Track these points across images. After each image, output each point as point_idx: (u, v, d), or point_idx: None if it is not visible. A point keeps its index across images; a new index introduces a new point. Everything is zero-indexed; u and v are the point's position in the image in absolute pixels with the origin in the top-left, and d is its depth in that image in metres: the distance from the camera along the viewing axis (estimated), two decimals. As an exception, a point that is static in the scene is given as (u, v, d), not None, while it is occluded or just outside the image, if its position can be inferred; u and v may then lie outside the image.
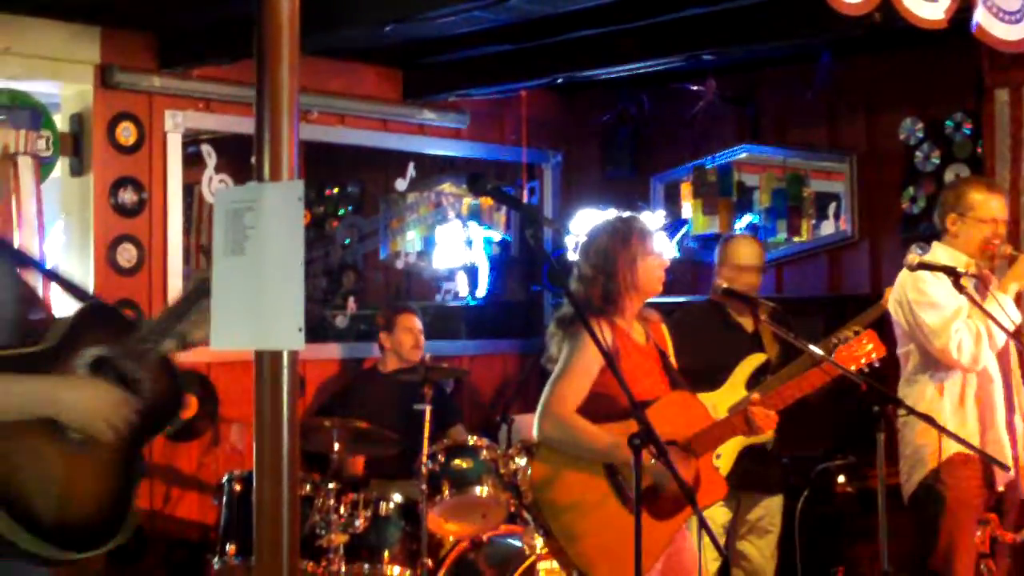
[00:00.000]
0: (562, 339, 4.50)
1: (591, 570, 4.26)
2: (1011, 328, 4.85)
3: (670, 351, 4.70)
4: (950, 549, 4.89)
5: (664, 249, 4.67)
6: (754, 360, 5.50)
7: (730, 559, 5.60)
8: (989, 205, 5.05)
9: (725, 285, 5.55)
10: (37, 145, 6.26)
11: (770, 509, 5.66)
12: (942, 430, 4.54)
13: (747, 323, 5.69)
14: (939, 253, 5.05)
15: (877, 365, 4.76)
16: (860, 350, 4.72)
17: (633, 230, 4.56)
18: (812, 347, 4.69)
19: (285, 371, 2.23)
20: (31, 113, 6.30)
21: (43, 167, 6.38)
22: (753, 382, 5.41)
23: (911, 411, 4.17)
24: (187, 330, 2.90)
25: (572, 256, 7.90)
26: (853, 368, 4.61)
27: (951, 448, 4.80)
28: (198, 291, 2.68)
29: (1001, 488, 4.99)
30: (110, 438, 2.81)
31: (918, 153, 7.03)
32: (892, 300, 5.12)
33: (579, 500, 4.31)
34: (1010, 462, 4.90)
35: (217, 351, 6.69)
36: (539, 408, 4.39)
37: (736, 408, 4.85)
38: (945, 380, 4.96)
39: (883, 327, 5.18)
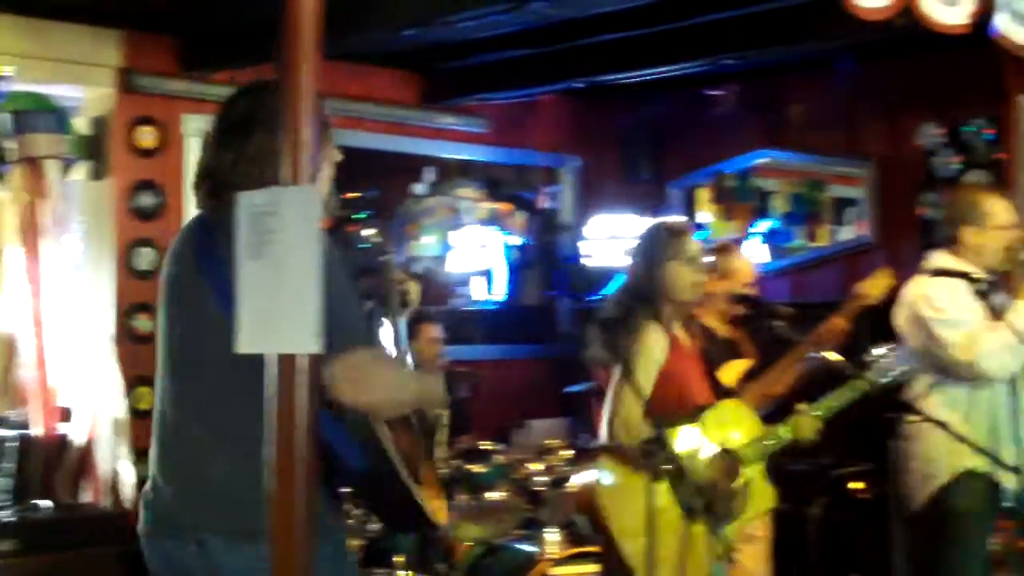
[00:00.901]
0: (611, 340, 4.49)
1: (640, 571, 4.26)
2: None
3: None
4: (961, 566, 4.85)
5: (700, 255, 4.63)
6: (738, 365, 5.47)
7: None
8: (1004, 211, 5.01)
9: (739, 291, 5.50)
10: (61, 148, 6.28)
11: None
12: (960, 439, 4.52)
13: (722, 329, 5.65)
14: (945, 263, 4.98)
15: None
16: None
17: (662, 235, 4.58)
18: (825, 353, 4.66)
19: (301, 374, 2.23)
20: (54, 116, 6.32)
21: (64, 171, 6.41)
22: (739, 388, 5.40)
23: (928, 419, 4.15)
24: None
25: (589, 261, 7.91)
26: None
27: (963, 463, 4.78)
28: None
29: (1007, 504, 4.94)
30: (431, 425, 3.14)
31: (938, 159, 7.01)
32: (903, 319, 5.05)
33: (641, 504, 4.30)
34: (1013, 482, 4.86)
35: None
36: (608, 414, 4.40)
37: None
38: (954, 393, 4.90)
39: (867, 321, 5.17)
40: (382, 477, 2.97)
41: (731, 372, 5.43)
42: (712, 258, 5.18)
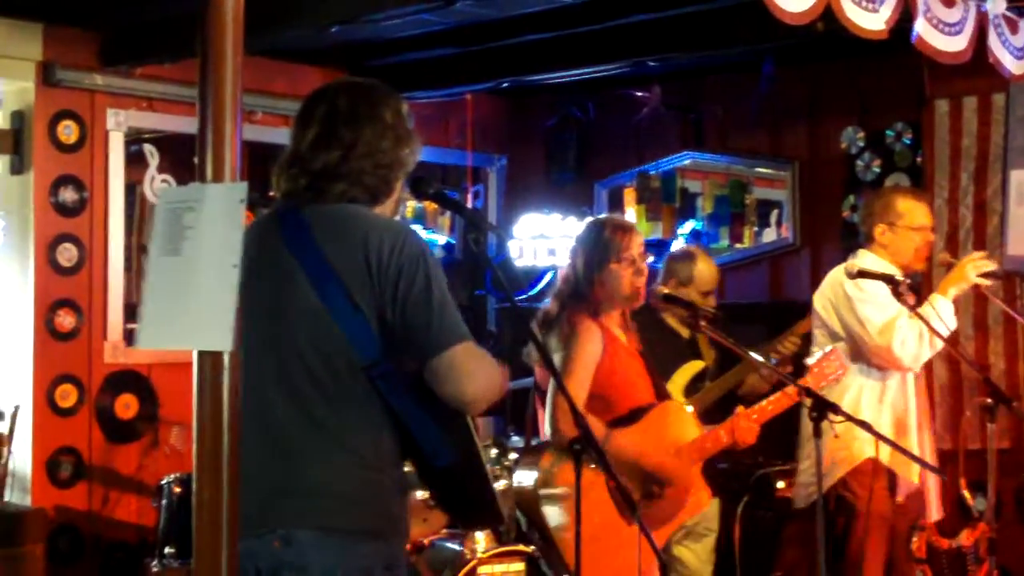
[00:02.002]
0: (547, 337, 4.50)
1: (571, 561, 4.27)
2: (946, 334, 4.89)
3: None
4: (860, 559, 4.91)
5: (641, 255, 4.62)
6: (692, 367, 5.52)
7: (667, 565, 5.60)
8: (918, 213, 5.10)
9: (666, 291, 5.52)
10: (-23, 142, 6.21)
11: (707, 513, 5.65)
12: (883, 439, 4.57)
13: (682, 329, 5.70)
14: (868, 260, 5.05)
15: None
16: (830, 367, 4.69)
17: (600, 235, 4.57)
18: (752, 354, 4.71)
19: (225, 372, 2.22)
20: (-29, 109, 6.24)
21: (-17, 165, 6.34)
22: (691, 389, 5.44)
23: (851, 419, 4.20)
24: None
25: (515, 260, 7.93)
26: (823, 385, 4.58)
27: (861, 455, 4.85)
28: None
29: (901, 499, 5.02)
30: None
31: (859, 162, 7.10)
32: (821, 299, 5.14)
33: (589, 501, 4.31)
34: (915, 475, 4.95)
35: (158, 352, 6.61)
36: (551, 410, 4.38)
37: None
38: (865, 383, 4.99)
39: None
40: (467, 472, 3.01)
41: (686, 372, 5.48)
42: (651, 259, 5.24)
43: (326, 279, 2.90)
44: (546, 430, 4.46)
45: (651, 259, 5.08)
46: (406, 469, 3.05)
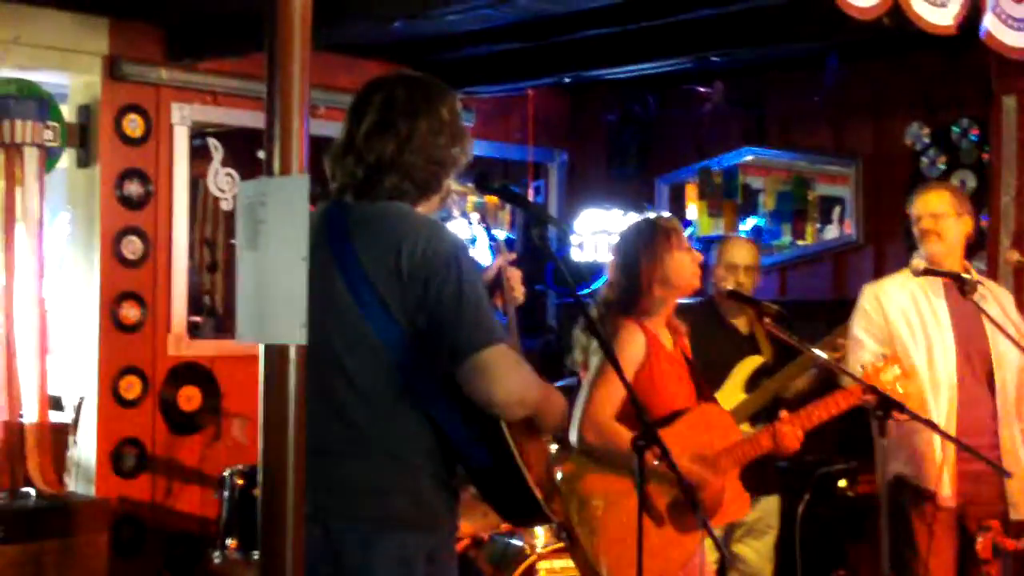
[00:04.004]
0: (588, 343, 4.48)
1: (604, 568, 4.24)
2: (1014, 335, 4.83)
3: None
4: (927, 554, 4.86)
5: (691, 247, 4.60)
6: (752, 362, 5.48)
7: (728, 562, 5.58)
8: (916, 204, 5.01)
9: (730, 287, 5.50)
10: (44, 136, 6.26)
11: (767, 510, 5.62)
12: (946, 436, 4.53)
13: (742, 324, 5.66)
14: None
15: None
16: (889, 374, 4.58)
17: (657, 228, 4.54)
18: (815, 351, 4.67)
19: (291, 365, 2.23)
20: (38, 103, 6.30)
21: (49, 159, 6.39)
22: (751, 384, 5.41)
23: (915, 417, 4.15)
24: None
25: (576, 256, 7.92)
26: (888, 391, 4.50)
27: (924, 457, 4.84)
28: None
29: (964, 497, 4.95)
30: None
31: (924, 158, 7.03)
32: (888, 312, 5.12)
33: (607, 502, 4.27)
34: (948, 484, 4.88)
35: (221, 345, 6.67)
36: (577, 414, 4.34)
37: (741, 412, 4.86)
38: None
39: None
40: (504, 475, 3.01)
41: (746, 368, 5.44)
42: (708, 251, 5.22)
43: (359, 279, 2.92)
44: (571, 436, 4.41)
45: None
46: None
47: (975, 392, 4.92)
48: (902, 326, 4.95)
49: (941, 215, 4.94)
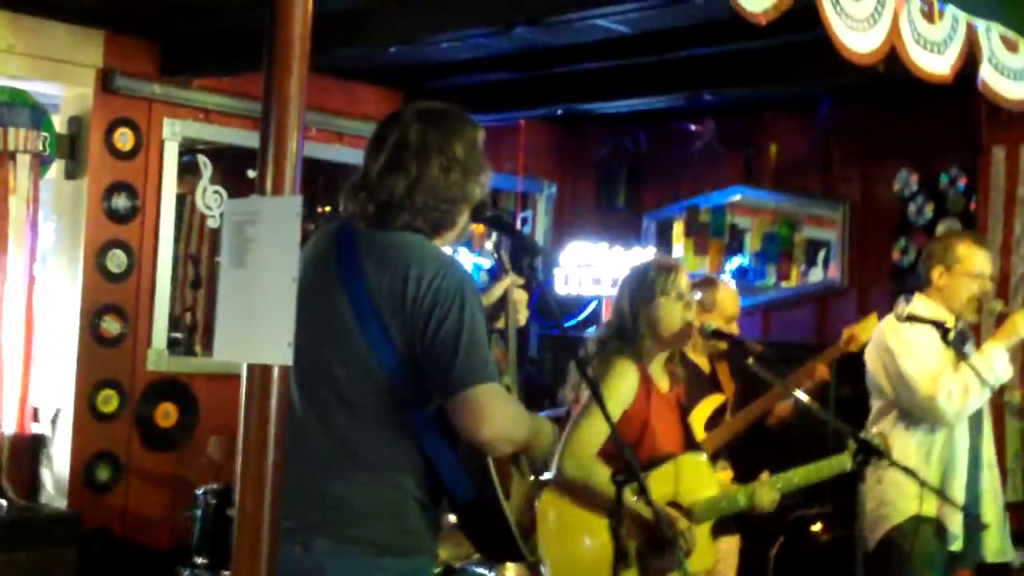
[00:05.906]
0: (579, 379, 4.45)
1: None
2: (995, 385, 4.83)
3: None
4: None
5: (690, 293, 4.54)
6: (712, 401, 5.46)
7: None
8: (976, 259, 5.01)
9: (714, 326, 5.48)
10: (35, 145, 6.25)
11: (726, 551, 5.59)
12: (922, 484, 4.53)
13: (703, 363, 5.65)
14: (920, 307, 4.99)
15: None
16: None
17: (650, 274, 4.49)
18: (799, 393, 4.65)
19: (274, 384, 2.22)
20: (31, 112, 6.29)
21: (42, 166, 6.39)
22: (711, 423, 5.39)
23: (896, 464, 4.15)
24: None
25: (561, 288, 7.90)
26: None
27: (908, 512, 4.81)
28: None
29: (954, 547, 4.94)
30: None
31: (911, 206, 7.06)
32: (871, 353, 5.08)
33: (579, 540, 4.25)
34: (959, 527, 4.86)
35: (200, 362, 6.62)
36: (560, 446, 4.30)
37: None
38: (915, 435, 4.92)
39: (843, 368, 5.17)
40: (486, 510, 3.03)
41: (707, 407, 5.42)
42: (699, 294, 5.18)
43: (364, 301, 2.93)
44: (551, 467, 4.38)
45: None
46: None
47: None
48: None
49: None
